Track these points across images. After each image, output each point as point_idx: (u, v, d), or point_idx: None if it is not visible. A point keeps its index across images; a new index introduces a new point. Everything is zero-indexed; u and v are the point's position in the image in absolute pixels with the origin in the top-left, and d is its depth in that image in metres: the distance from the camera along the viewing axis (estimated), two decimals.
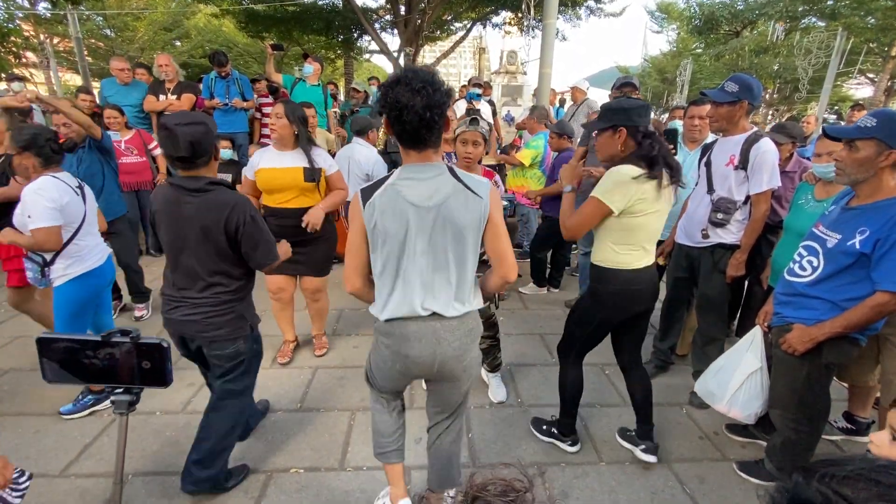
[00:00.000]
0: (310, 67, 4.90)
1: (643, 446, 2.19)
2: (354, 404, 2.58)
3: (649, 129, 1.79)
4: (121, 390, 0.89)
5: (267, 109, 5.24)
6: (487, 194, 1.38)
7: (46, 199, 2.12)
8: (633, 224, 1.81)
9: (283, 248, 1.99)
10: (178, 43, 17.37)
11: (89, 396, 2.48)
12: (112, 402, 0.88)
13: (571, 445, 2.24)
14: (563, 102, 7.87)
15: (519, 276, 2.97)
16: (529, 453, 2.25)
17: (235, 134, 5.14)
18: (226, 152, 3.99)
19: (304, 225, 2.56)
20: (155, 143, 4.51)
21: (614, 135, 1.80)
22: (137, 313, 3.55)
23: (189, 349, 1.89)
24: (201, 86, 5.04)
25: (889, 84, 14.86)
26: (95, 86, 12.03)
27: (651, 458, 2.16)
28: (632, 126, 1.77)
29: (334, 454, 2.21)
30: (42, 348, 0.87)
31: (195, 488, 1.89)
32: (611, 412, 2.57)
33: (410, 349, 1.46)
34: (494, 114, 6.34)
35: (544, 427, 2.32)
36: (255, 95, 5.24)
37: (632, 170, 1.74)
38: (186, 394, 2.64)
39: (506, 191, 4.89)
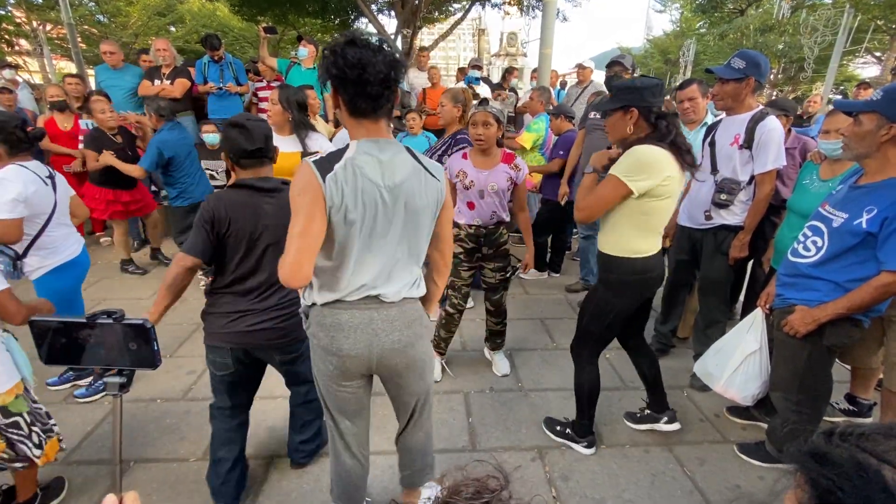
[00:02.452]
0: (304, 50, 4.80)
1: (665, 418, 2.23)
2: None
3: (663, 109, 1.71)
4: (113, 372, 0.89)
5: (262, 94, 5.15)
6: (443, 177, 1.36)
7: (10, 189, 2.02)
8: (654, 208, 1.71)
9: None
10: (173, 28, 17.10)
11: (101, 381, 2.48)
12: (104, 385, 0.88)
13: (587, 447, 2.15)
14: (564, 85, 7.73)
15: (518, 261, 2.94)
16: (529, 437, 2.25)
17: None
18: (213, 137, 3.99)
19: None
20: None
21: (625, 115, 1.72)
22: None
23: (244, 362, 1.77)
24: (194, 71, 4.96)
25: None
26: (90, 73, 11.88)
27: (676, 426, 2.22)
28: (644, 106, 1.68)
29: None
30: (34, 331, 0.88)
31: (310, 459, 2.06)
32: (611, 396, 2.57)
33: (343, 342, 1.32)
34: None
35: (558, 428, 2.23)
36: (249, 81, 5.16)
37: (657, 150, 1.66)
38: (187, 381, 2.65)
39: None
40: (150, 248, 4.46)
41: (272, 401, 2.45)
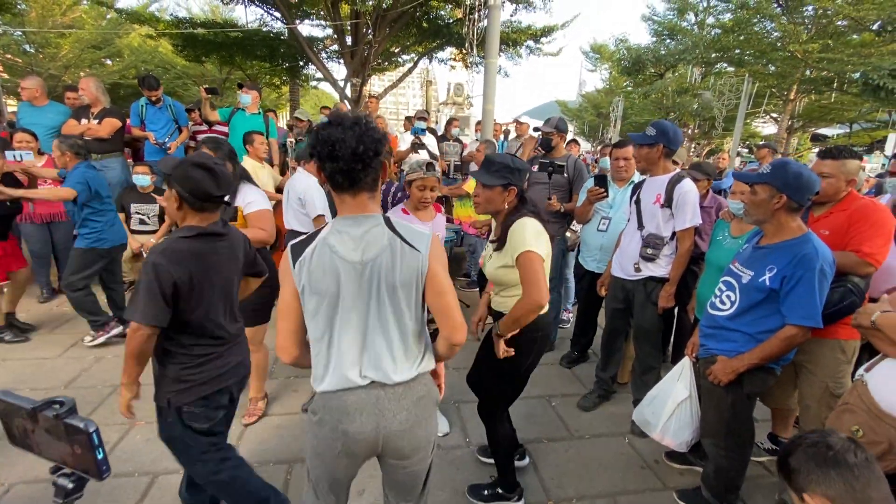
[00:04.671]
0: (247, 97, 4.76)
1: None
2: (292, 455, 2.41)
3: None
4: (68, 472, 0.75)
5: (202, 138, 5.02)
6: (427, 247, 1.27)
7: None
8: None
9: None
10: (109, 62, 16.42)
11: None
12: (54, 485, 0.74)
13: (518, 500, 2.15)
14: (506, 134, 8.17)
15: (467, 305, 2.94)
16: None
17: None
18: (145, 179, 3.96)
19: None
20: None
21: (504, 192, 1.83)
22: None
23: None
24: (130, 113, 4.76)
25: (790, 123, 16.84)
26: (13, 104, 11.00)
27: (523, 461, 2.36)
28: (519, 185, 1.85)
29: None
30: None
31: None
32: (557, 447, 2.58)
33: (350, 423, 1.28)
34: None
35: (486, 492, 2.17)
36: (190, 123, 5.02)
37: (535, 221, 1.81)
38: None
39: (451, 221, 4.95)
40: (3, 314, 3.57)
41: None
